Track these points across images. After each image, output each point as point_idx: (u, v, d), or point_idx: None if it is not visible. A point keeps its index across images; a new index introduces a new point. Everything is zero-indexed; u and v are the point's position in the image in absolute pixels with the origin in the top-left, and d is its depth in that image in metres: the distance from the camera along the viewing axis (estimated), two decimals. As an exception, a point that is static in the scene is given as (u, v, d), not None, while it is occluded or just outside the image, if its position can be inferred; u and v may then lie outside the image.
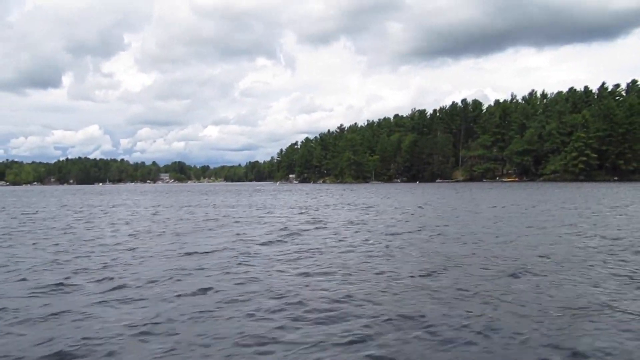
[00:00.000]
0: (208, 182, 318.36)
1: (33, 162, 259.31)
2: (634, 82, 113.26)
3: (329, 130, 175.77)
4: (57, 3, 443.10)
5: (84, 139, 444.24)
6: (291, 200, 40.61)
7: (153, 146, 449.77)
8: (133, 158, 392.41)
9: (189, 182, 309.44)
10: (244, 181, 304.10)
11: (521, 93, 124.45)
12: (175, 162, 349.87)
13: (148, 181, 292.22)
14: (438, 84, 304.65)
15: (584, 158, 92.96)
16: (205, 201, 40.07)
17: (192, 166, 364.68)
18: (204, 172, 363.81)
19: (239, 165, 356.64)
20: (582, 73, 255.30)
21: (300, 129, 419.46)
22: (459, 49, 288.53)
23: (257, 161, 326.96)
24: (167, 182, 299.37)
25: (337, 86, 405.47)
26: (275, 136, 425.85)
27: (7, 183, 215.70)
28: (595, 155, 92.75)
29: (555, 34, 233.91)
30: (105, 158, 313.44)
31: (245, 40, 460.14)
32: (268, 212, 25.16)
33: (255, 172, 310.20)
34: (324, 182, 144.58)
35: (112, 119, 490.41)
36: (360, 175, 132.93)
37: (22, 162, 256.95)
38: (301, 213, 24.30)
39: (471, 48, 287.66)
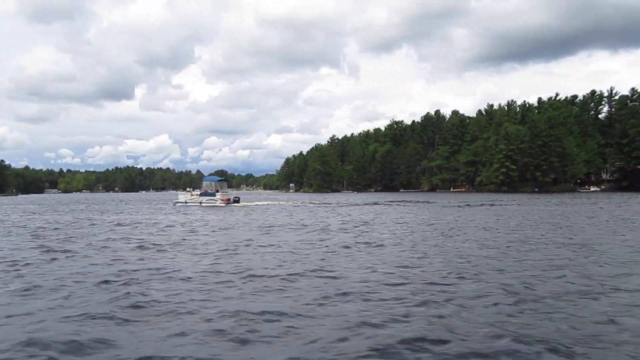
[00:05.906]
0: (246, 190, 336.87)
1: (86, 171, 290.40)
2: (592, 92, 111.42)
3: (328, 141, 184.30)
4: (131, 19, 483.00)
5: (155, 147, 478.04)
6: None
7: (219, 154, 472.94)
8: (200, 166, 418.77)
9: (228, 190, 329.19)
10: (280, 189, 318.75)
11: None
12: (217, 171, 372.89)
13: (188, 189, 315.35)
14: (505, 90, 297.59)
15: (504, 169, 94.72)
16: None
17: (236, 174, 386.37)
18: (246, 180, 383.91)
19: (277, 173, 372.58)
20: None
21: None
22: (527, 54, 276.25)
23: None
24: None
25: (399, 93, 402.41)
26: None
27: (59, 191, 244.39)
28: (514, 167, 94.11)
29: (631, 36, 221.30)
30: (175, 167, 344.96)
31: (309, 50, 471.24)
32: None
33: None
34: (296, 191, 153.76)
35: (181, 128, 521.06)
36: (328, 185, 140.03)
37: (76, 171, 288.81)
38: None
39: (540, 52, 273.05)
